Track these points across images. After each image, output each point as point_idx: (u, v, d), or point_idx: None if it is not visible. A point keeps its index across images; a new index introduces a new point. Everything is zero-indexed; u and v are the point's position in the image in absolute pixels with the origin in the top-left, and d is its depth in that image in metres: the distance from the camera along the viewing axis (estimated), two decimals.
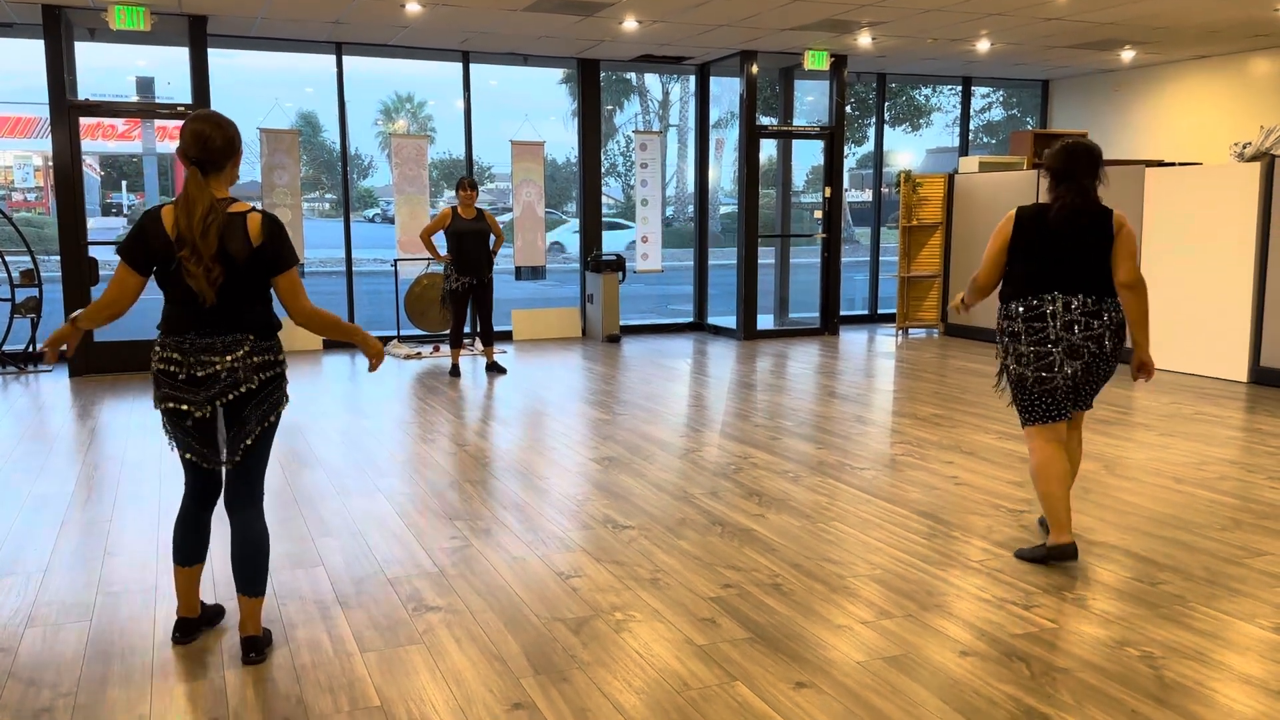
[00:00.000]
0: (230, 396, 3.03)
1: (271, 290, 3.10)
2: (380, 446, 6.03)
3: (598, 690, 2.95)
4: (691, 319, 12.10)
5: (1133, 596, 3.65)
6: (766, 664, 3.12)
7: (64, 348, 3.10)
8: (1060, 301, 3.89)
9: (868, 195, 13.19)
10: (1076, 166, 3.91)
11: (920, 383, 8.19)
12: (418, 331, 10.53)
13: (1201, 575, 3.86)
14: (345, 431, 6.43)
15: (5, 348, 8.78)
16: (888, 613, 3.51)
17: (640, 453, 5.84)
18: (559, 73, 24.80)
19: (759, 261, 11.23)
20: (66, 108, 8.52)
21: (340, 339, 3.25)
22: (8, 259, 8.89)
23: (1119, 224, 3.92)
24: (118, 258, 3.03)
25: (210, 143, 2.98)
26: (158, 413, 3.48)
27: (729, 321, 11.48)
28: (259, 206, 3.21)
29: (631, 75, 29.32)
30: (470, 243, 8.32)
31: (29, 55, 8.74)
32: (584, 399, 7.58)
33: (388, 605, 3.60)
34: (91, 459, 5.76)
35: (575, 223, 12.06)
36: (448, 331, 9.87)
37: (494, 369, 8.76)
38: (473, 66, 10.55)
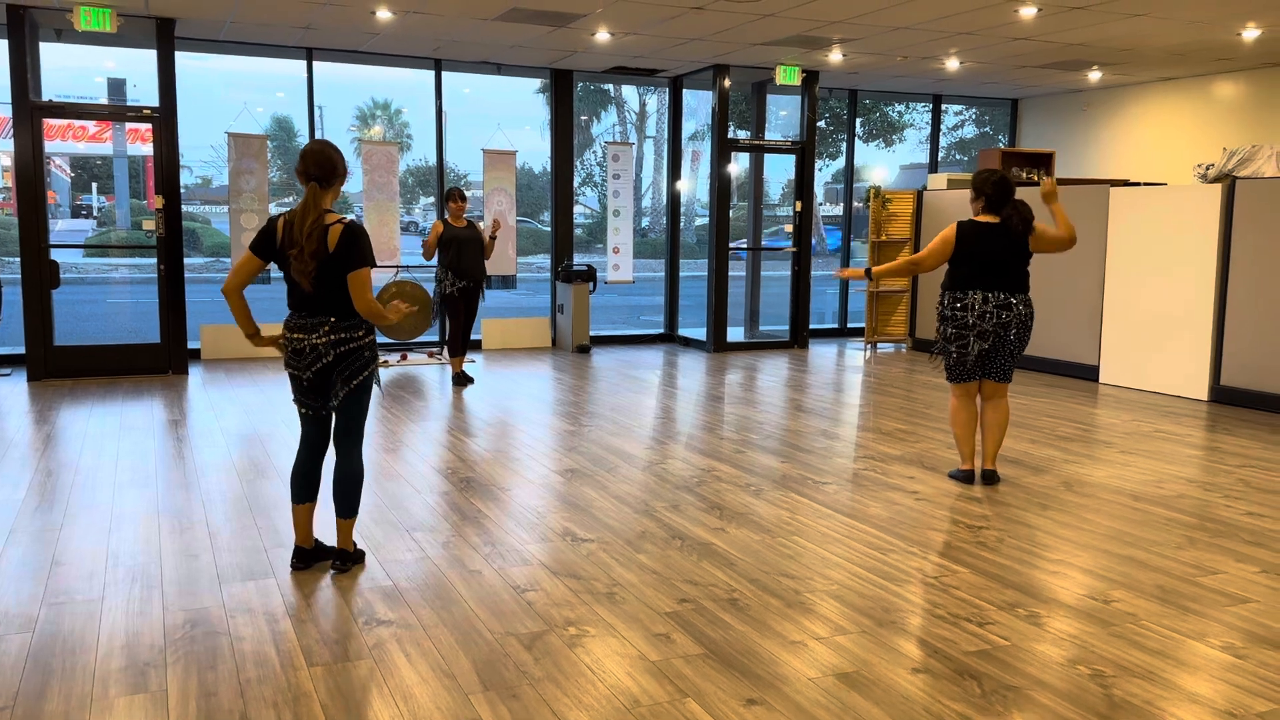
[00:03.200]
0: (317, 367, 3.85)
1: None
2: None
3: (547, 707, 2.92)
4: (662, 330, 12.10)
5: (1086, 614, 3.67)
6: (719, 680, 3.10)
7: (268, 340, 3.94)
8: (980, 296, 5.19)
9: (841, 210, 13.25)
10: (1009, 194, 5.22)
11: (887, 397, 8.22)
12: (385, 340, 10.45)
13: (1154, 593, 3.88)
14: None
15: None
16: (843, 629, 3.51)
17: (604, 465, 5.81)
18: (536, 82, 24.75)
19: (730, 273, 11.24)
20: (30, 109, 8.41)
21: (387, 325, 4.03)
22: None
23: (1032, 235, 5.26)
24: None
25: (324, 165, 3.84)
26: (120, 417, 3.68)
27: (699, 333, 11.49)
28: (350, 218, 3.95)
29: (609, 86, 29.34)
30: (468, 248, 8.52)
31: None
32: (551, 410, 7.55)
33: (339, 619, 3.56)
34: (45, 465, 5.66)
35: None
36: (411, 340, 9.79)
37: (464, 379, 8.71)
38: (446, 74, 10.51)
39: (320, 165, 3.83)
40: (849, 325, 12.76)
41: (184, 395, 7.95)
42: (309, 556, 4.06)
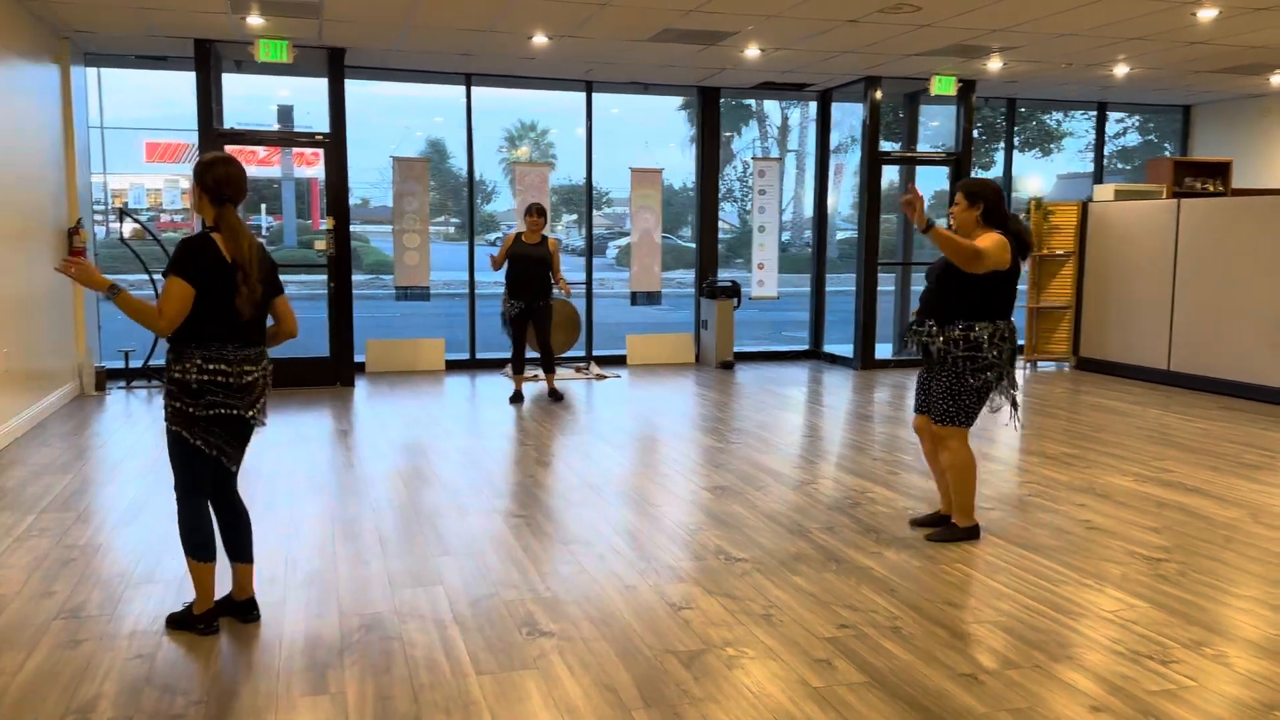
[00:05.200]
0: (261, 402, 3.60)
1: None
2: (498, 467, 6.13)
3: None
4: (807, 346, 11.96)
5: (1279, 655, 3.41)
6: (886, 712, 3.03)
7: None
8: (1007, 323, 4.59)
9: None
10: (1005, 204, 4.62)
11: (1050, 419, 7.87)
12: (536, 355, 10.68)
13: None
14: (464, 451, 6.56)
15: (151, 362, 9.29)
16: (1013, 662, 3.37)
17: (753, 482, 5.78)
18: (677, 99, 24.97)
19: (878, 289, 11.02)
20: (214, 136, 9.00)
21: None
22: (154, 276, 9.42)
23: None
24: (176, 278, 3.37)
25: (243, 183, 3.57)
26: (295, 428, 3.70)
27: (846, 350, 11.30)
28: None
29: (750, 101, 29.30)
30: (527, 267, 8.37)
31: (177, 85, 9.28)
32: (697, 426, 7.55)
33: (502, 627, 3.64)
34: None
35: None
36: (560, 355, 9.92)
37: (554, 396, 8.65)
38: (595, 95, 10.71)
39: (238, 188, 3.53)
40: None
41: (351, 407, 8.33)
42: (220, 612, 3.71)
